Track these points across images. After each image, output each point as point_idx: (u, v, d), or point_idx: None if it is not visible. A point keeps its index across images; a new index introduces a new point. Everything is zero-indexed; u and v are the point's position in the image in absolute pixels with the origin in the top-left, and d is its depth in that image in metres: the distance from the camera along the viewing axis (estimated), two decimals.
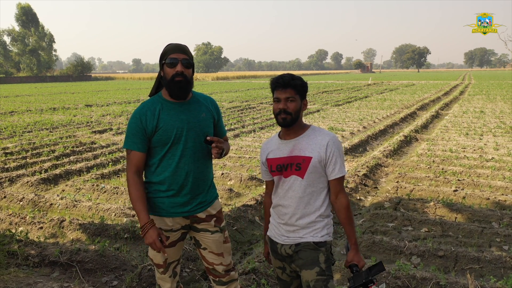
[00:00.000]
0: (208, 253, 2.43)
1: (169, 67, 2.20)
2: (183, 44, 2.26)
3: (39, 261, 3.84)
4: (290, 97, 2.05)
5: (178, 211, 2.31)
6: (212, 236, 2.40)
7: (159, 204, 2.30)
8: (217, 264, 2.44)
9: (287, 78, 2.05)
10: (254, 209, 5.27)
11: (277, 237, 2.18)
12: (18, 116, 16.06)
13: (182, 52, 2.22)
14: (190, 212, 2.33)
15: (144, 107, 2.26)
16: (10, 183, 6.66)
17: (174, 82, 2.19)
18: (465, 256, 3.90)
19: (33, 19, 74.62)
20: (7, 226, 4.85)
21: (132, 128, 2.24)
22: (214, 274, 2.48)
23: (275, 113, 2.09)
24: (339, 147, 2.10)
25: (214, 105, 2.44)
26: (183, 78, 2.19)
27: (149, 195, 2.32)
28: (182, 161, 2.27)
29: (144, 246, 4.31)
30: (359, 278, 1.97)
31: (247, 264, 3.72)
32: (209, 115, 2.37)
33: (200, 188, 2.35)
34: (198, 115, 2.32)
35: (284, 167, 2.10)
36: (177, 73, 2.18)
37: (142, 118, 2.22)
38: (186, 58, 2.22)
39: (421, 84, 39.05)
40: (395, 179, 6.74)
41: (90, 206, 5.43)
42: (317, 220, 2.10)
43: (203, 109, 2.35)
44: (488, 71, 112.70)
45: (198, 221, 2.38)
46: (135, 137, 2.23)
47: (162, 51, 2.26)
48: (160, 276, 2.44)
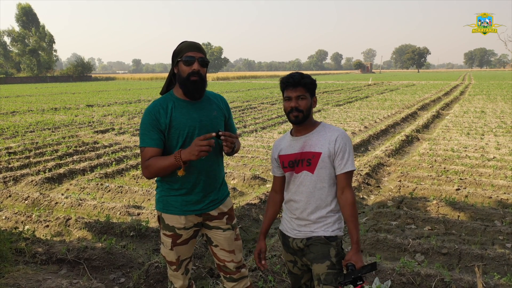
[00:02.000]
0: (219, 250, 2.44)
1: (185, 65, 2.19)
2: (198, 42, 2.25)
3: (47, 259, 3.88)
4: (301, 95, 2.09)
5: (191, 209, 2.31)
6: (224, 233, 2.41)
7: (172, 203, 2.31)
8: (228, 261, 2.45)
9: (297, 77, 2.09)
10: (258, 208, 5.31)
11: (289, 231, 2.22)
12: (19, 116, 16.09)
13: (198, 50, 2.22)
14: (202, 210, 2.34)
15: (156, 105, 2.24)
16: (15, 182, 6.70)
17: (190, 82, 2.19)
18: (468, 254, 3.93)
19: (33, 19, 74.71)
20: (13, 224, 4.89)
21: (147, 125, 2.21)
22: (225, 271, 2.48)
23: (286, 111, 2.13)
24: (348, 143, 2.13)
25: (224, 103, 2.45)
26: (198, 78, 2.19)
27: (162, 193, 2.33)
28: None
29: (150, 244, 4.35)
30: (349, 275, 2.02)
31: (253, 261, 3.76)
32: (220, 113, 2.38)
33: (212, 186, 2.35)
34: (210, 114, 2.32)
35: (296, 163, 2.15)
36: (193, 71, 2.18)
37: (157, 115, 2.21)
38: (202, 56, 2.22)
39: (421, 84, 39.09)
40: (397, 178, 6.77)
41: (95, 204, 5.47)
42: (328, 215, 2.14)
43: (214, 107, 2.36)
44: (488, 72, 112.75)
45: (210, 219, 2.39)
46: (151, 133, 2.21)
47: (177, 48, 2.25)
48: (173, 273, 2.45)
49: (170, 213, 2.31)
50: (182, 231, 2.33)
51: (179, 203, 2.30)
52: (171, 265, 2.41)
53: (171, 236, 2.33)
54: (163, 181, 2.33)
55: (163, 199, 2.33)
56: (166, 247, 2.36)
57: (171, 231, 2.32)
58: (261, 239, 2.36)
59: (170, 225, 2.31)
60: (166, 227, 2.33)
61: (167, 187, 2.31)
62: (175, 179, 2.28)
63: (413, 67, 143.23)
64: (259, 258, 2.34)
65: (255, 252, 2.37)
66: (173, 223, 2.31)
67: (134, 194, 6.00)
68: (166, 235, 2.34)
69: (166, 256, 2.40)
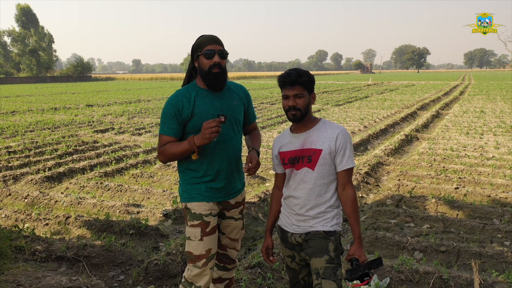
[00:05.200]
0: (225, 238, 2.51)
1: (206, 58, 2.25)
2: (216, 35, 2.32)
3: (46, 256, 3.89)
4: (298, 94, 2.10)
5: (215, 196, 2.36)
6: (235, 222, 2.49)
7: (197, 190, 2.34)
8: (230, 248, 2.53)
9: (294, 76, 2.09)
10: (257, 206, 5.32)
11: (288, 226, 2.24)
12: (19, 116, 16.10)
13: (217, 43, 2.29)
14: (225, 198, 2.40)
15: (179, 94, 2.31)
16: (15, 181, 6.71)
17: (212, 74, 2.25)
18: (467, 251, 3.95)
19: (33, 19, 74.68)
20: (13, 222, 4.90)
21: (168, 114, 2.28)
22: (222, 260, 2.55)
23: (285, 110, 2.15)
24: (349, 140, 2.14)
25: (244, 93, 2.53)
26: (220, 70, 2.26)
27: (186, 182, 2.37)
28: (218, 147, 2.32)
29: (150, 242, 4.36)
30: (356, 271, 2.02)
31: (252, 258, 3.77)
32: (240, 102, 2.46)
33: (234, 174, 2.43)
34: (231, 102, 2.39)
35: (296, 160, 2.16)
36: (215, 64, 2.24)
37: (179, 104, 2.27)
38: (222, 49, 2.29)
39: (421, 85, 39.12)
40: (396, 177, 6.78)
41: (94, 203, 5.48)
42: (327, 210, 2.16)
43: (235, 96, 2.44)
44: (488, 72, 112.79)
45: (228, 208, 2.45)
46: (171, 123, 2.28)
47: (196, 42, 2.31)
48: (198, 272, 2.33)
49: (196, 201, 2.33)
50: (209, 217, 2.33)
51: (204, 190, 2.34)
52: (199, 260, 2.32)
53: (200, 225, 2.32)
54: (185, 171, 2.37)
55: (187, 188, 2.36)
56: (195, 239, 2.32)
57: (198, 220, 2.32)
58: (268, 236, 2.37)
59: (197, 213, 2.32)
60: (193, 216, 2.32)
61: (191, 176, 2.35)
62: (198, 167, 2.32)
63: (413, 67, 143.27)
64: (267, 254, 2.36)
65: (263, 249, 2.38)
66: (200, 210, 2.32)
67: (133, 192, 6.01)
68: (194, 225, 2.32)
69: (194, 251, 2.32)
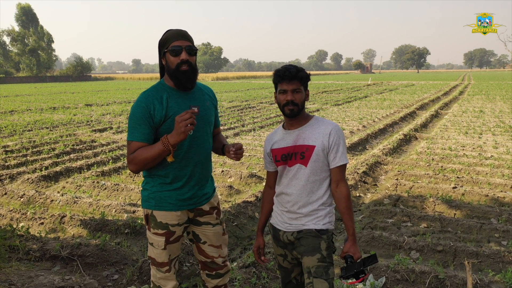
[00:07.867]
0: (208, 246, 2.37)
1: (172, 55, 2.08)
2: (184, 30, 2.15)
3: (40, 256, 3.86)
4: (296, 88, 2.07)
5: (185, 204, 2.22)
6: (213, 228, 2.36)
7: (166, 198, 2.20)
8: (216, 256, 2.40)
9: (293, 70, 2.07)
10: (254, 206, 5.30)
11: (280, 224, 2.21)
12: (18, 115, 16.07)
13: (184, 38, 2.10)
14: (196, 204, 2.26)
15: (149, 96, 2.11)
16: (11, 180, 6.68)
17: (180, 72, 2.08)
18: (463, 251, 3.92)
19: (32, 19, 74.56)
20: (8, 221, 4.87)
21: (139, 117, 2.07)
22: (212, 267, 2.42)
23: (281, 105, 2.10)
24: (342, 136, 2.12)
25: (213, 94, 2.42)
26: (188, 67, 2.09)
27: (154, 189, 2.20)
28: (191, 151, 2.18)
29: (145, 241, 4.33)
30: (351, 268, 1.99)
31: (247, 258, 3.75)
32: (211, 104, 2.34)
33: (205, 179, 2.30)
34: (204, 104, 2.26)
35: (289, 157, 2.13)
36: (182, 61, 2.07)
37: (150, 106, 2.08)
38: (190, 44, 2.11)
39: (420, 85, 39.08)
40: (394, 177, 6.76)
41: (90, 202, 5.45)
42: (320, 208, 2.13)
43: (207, 97, 2.31)
44: (488, 72, 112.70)
45: (201, 214, 2.32)
46: (143, 127, 2.08)
47: (162, 37, 2.13)
48: (163, 276, 2.29)
49: (164, 210, 2.19)
50: (175, 227, 2.22)
51: (174, 198, 2.19)
52: (162, 267, 2.27)
53: (164, 235, 2.21)
54: (154, 176, 2.20)
55: (155, 195, 2.20)
56: (157, 248, 2.23)
57: (164, 229, 2.20)
58: (259, 235, 2.35)
59: (163, 222, 2.20)
60: (158, 225, 2.21)
61: (159, 182, 2.19)
62: (168, 173, 2.17)
63: (412, 67, 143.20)
64: (259, 254, 2.33)
65: (254, 249, 2.34)
66: (166, 220, 2.20)
67: (130, 192, 5.98)
68: (157, 234, 2.21)
69: (157, 258, 2.25)
